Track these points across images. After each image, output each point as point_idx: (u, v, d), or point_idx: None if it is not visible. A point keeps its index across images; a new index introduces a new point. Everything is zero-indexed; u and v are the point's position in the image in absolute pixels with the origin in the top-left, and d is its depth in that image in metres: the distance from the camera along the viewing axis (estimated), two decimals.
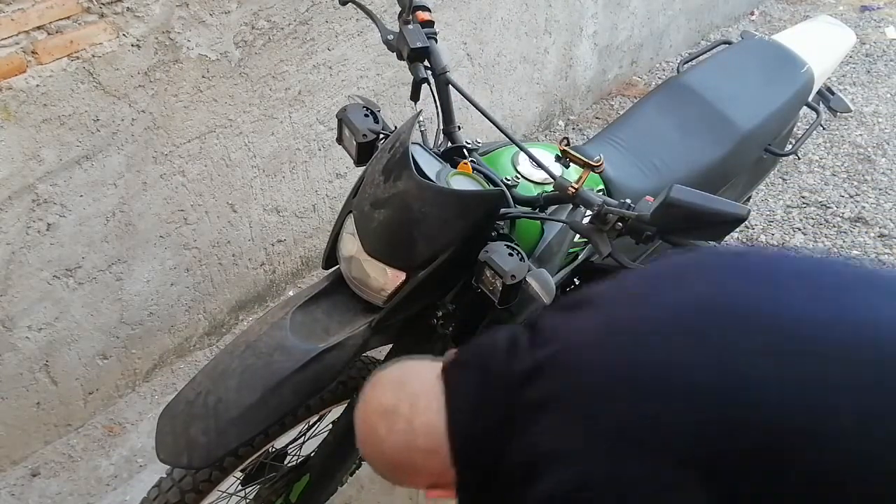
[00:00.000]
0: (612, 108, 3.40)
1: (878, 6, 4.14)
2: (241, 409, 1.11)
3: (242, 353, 1.16)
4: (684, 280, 0.82)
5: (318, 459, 1.42)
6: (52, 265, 1.73)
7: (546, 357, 0.80)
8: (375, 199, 1.16)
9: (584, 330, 0.81)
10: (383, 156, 1.19)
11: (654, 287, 0.84)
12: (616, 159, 1.59)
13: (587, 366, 0.76)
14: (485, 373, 0.83)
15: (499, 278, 1.08)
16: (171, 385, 2.09)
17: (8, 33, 1.47)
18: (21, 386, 1.80)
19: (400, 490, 1.81)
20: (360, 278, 1.21)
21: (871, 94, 3.46)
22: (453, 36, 2.49)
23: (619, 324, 0.80)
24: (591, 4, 3.02)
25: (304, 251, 2.39)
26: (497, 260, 1.09)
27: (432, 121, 1.33)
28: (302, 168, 2.22)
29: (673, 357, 0.73)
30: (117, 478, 1.87)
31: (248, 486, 1.43)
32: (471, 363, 0.85)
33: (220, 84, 1.88)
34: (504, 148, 1.40)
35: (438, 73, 1.29)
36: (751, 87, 1.82)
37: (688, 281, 0.82)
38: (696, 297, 0.79)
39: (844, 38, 2.06)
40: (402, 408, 0.84)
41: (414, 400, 0.84)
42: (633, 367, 0.74)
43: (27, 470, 1.87)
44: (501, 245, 1.11)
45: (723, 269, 0.83)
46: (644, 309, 0.80)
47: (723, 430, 0.68)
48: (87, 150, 1.69)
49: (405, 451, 0.83)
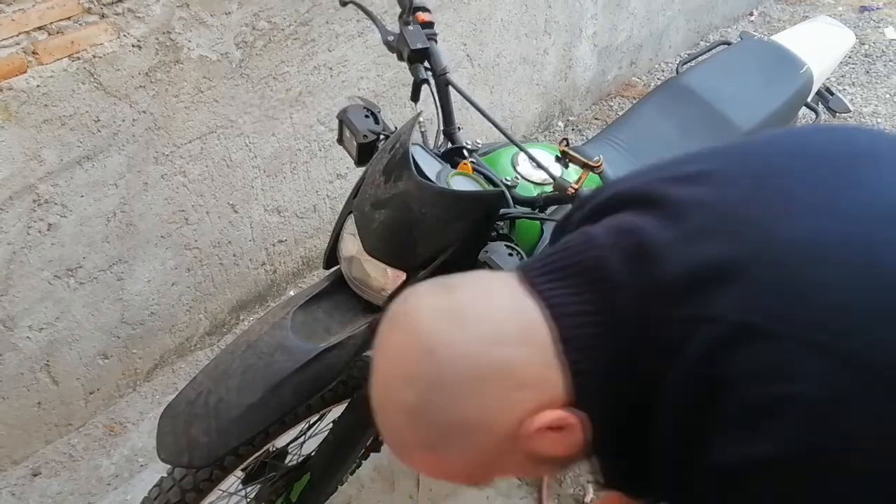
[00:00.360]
0: (612, 108, 3.41)
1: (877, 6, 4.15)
2: (241, 408, 1.12)
3: (243, 352, 1.17)
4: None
5: (318, 459, 1.43)
6: (52, 265, 1.73)
7: (727, 255, 0.59)
8: (376, 199, 1.16)
9: (780, 216, 0.61)
10: (383, 156, 1.19)
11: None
12: (615, 160, 1.60)
13: (815, 273, 0.57)
14: (605, 283, 0.63)
15: None
16: (172, 385, 2.10)
17: (8, 34, 1.47)
18: (22, 386, 1.80)
19: (400, 490, 1.82)
20: (360, 278, 1.21)
21: (871, 94, 3.47)
22: (453, 37, 2.49)
23: (839, 211, 0.60)
24: (591, 5, 3.02)
25: (304, 251, 2.39)
26: (497, 260, 1.09)
27: (432, 121, 1.33)
28: (303, 168, 2.23)
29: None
30: (118, 477, 1.87)
31: (249, 485, 1.43)
32: (570, 270, 0.65)
33: (221, 85, 1.89)
34: (504, 148, 1.41)
35: (438, 74, 1.29)
36: (750, 88, 1.83)
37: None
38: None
39: (843, 38, 2.06)
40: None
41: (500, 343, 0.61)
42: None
43: (28, 469, 1.87)
44: (501, 245, 1.12)
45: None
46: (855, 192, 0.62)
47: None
48: (87, 151, 1.69)
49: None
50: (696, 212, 0.64)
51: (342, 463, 1.44)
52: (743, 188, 0.65)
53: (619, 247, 0.64)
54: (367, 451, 1.51)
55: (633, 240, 0.64)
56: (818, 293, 0.56)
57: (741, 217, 0.62)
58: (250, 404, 1.12)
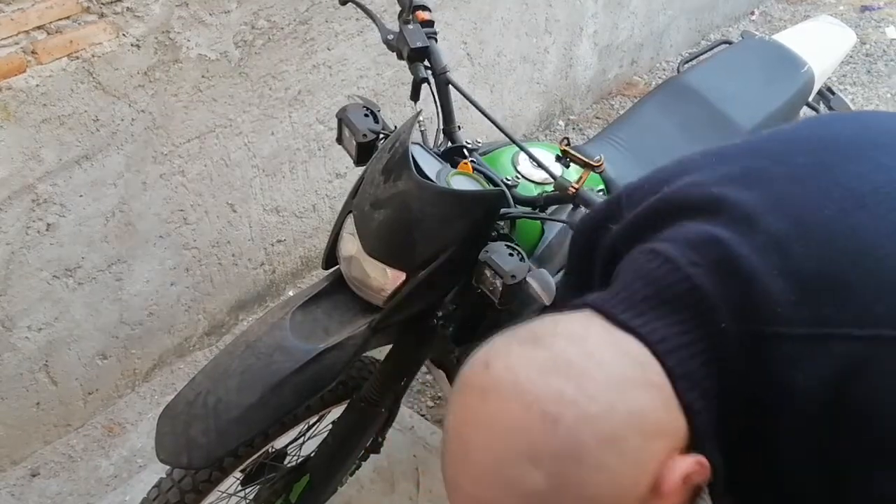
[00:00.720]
0: (613, 107, 3.40)
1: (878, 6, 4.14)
2: (241, 409, 1.11)
3: (242, 353, 1.16)
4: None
5: (318, 459, 1.42)
6: (51, 265, 1.73)
7: (826, 264, 0.56)
8: (375, 199, 1.15)
9: (857, 215, 0.58)
10: (383, 156, 1.19)
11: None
12: (616, 159, 1.59)
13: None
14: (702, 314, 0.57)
15: (499, 278, 1.08)
16: (171, 385, 2.09)
17: (8, 33, 1.47)
18: (21, 386, 1.79)
19: (400, 491, 1.81)
20: (359, 278, 1.20)
21: (872, 94, 3.46)
22: (453, 36, 2.49)
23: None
24: (592, 4, 3.01)
25: (303, 251, 2.39)
26: (497, 260, 1.09)
27: (432, 121, 1.33)
28: (302, 168, 2.22)
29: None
30: (117, 478, 1.87)
31: (248, 486, 1.43)
32: (660, 299, 0.58)
33: (220, 84, 1.88)
34: (504, 148, 1.40)
35: (438, 72, 1.29)
36: (751, 87, 1.82)
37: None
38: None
39: (845, 37, 2.06)
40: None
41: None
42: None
43: (27, 470, 1.87)
44: (501, 245, 1.11)
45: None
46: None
47: None
48: (86, 150, 1.69)
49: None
50: (770, 216, 0.59)
51: (342, 464, 1.43)
52: (806, 188, 0.61)
53: (705, 263, 0.58)
54: (366, 451, 1.51)
55: (719, 254, 0.58)
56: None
57: (821, 221, 0.58)
58: (249, 405, 1.12)
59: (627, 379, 0.53)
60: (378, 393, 1.31)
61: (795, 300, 0.55)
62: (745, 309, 0.56)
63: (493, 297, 1.12)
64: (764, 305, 0.56)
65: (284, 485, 1.46)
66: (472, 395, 0.54)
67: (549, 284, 1.10)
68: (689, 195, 0.65)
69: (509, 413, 0.51)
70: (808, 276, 0.55)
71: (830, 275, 0.55)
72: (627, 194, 0.75)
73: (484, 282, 1.12)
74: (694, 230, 0.61)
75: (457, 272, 1.18)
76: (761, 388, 0.56)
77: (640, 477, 0.52)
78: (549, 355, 0.53)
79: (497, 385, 0.53)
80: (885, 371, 0.52)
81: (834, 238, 0.57)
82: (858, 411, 0.53)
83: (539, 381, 0.51)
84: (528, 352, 0.54)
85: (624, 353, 0.55)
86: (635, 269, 0.61)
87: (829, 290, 0.55)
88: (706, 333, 0.56)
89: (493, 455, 0.52)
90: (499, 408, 0.52)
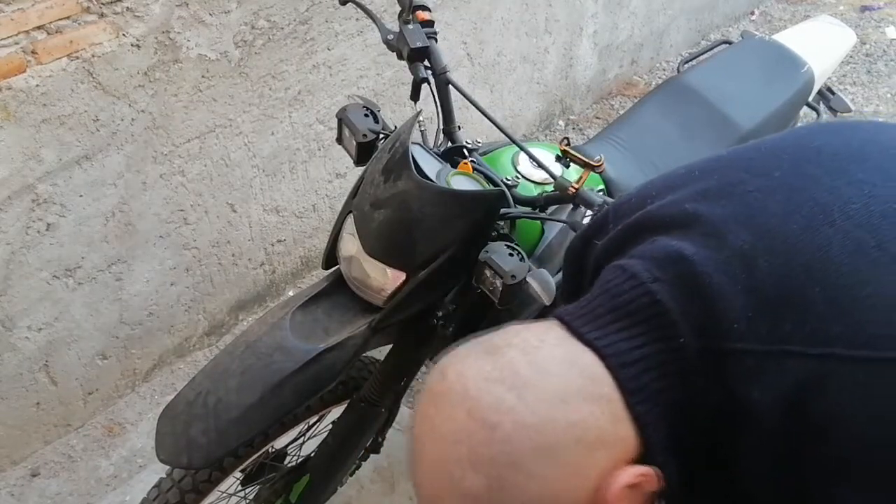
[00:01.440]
0: (613, 107, 3.40)
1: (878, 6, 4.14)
2: (241, 409, 1.11)
3: (242, 353, 1.16)
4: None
5: (317, 460, 1.42)
6: (51, 265, 1.73)
7: (787, 280, 0.56)
8: (375, 199, 1.15)
9: (823, 231, 0.58)
10: (383, 156, 1.19)
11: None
12: (616, 159, 1.59)
13: (867, 289, 0.54)
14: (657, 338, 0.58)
15: (499, 278, 1.08)
16: (171, 385, 2.09)
17: (8, 33, 1.46)
18: (21, 386, 1.79)
19: (399, 491, 1.81)
20: (359, 278, 1.20)
21: (872, 94, 3.46)
22: (453, 35, 2.49)
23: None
24: (592, 4, 3.01)
25: (303, 251, 2.39)
26: (497, 260, 1.08)
27: (432, 121, 1.33)
28: (302, 168, 2.22)
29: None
30: (117, 478, 1.87)
31: (248, 486, 1.43)
32: (620, 313, 0.60)
33: (220, 84, 1.88)
34: (504, 148, 1.40)
35: (438, 72, 1.29)
36: (751, 87, 1.82)
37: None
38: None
39: (845, 37, 2.06)
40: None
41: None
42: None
43: (27, 470, 1.87)
44: (502, 245, 1.11)
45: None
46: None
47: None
48: (86, 150, 1.69)
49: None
50: (739, 230, 0.59)
51: (342, 464, 1.43)
52: (779, 202, 0.61)
53: (668, 279, 0.59)
54: (366, 452, 1.51)
55: (683, 270, 0.59)
56: (881, 309, 0.53)
57: (787, 236, 0.58)
58: (250, 405, 1.12)
59: (572, 391, 0.55)
60: (378, 393, 1.31)
61: (754, 316, 0.56)
62: (706, 324, 0.57)
63: (494, 297, 1.12)
64: (724, 321, 0.56)
65: (284, 485, 1.46)
66: (428, 401, 0.58)
67: (549, 284, 1.10)
68: (665, 212, 0.66)
69: (455, 419, 0.54)
70: (770, 292, 0.56)
71: (791, 291, 0.55)
72: (615, 209, 0.76)
73: (484, 282, 1.12)
74: (661, 246, 0.62)
75: (457, 272, 1.18)
76: (723, 403, 0.57)
77: (579, 485, 0.54)
78: (499, 365, 0.55)
79: (449, 392, 0.56)
80: (841, 388, 0.53)
81: (798, 254, 0.57)
82: (816, 428, 0.54)
83: (484, 389, 0.54)
84: (480, 361, 0.56)
85: (573, 365, 0.56)
86: (602, 283, 0.63)
87: (788, 307, 0.55)
88: (665, 348, 0.57)
89: (440, 458, 0.55)
90: (447, 414, 0.55)
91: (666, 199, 0.68)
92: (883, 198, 0.59)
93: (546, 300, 1.10)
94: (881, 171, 0.61)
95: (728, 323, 0.56)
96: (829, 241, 0.56)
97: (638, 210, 0.70)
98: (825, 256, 0.56)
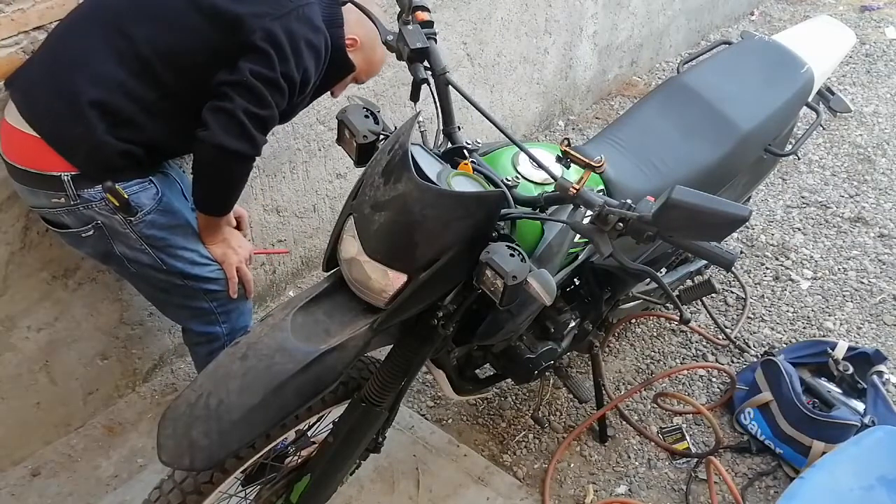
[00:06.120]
0: (612, 108, 3.41)
1: (878, 6, 4.15)
2: (242, 410, 1.11)
3: (243, 354, 1.16)
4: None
5: (318, 460, 1.42)
6: (51, 265, 1.73)
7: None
8: (376, 201, 1.15)
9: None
10: (383, 157, 1.19)
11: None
12: (616, 159, 1.59)
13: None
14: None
15: (500, 279, 1.08)
16: (171, 385, 2.09)
17: (8, 33, 1.46)
18: (21, 386, 1.79)
19: (399, 491, 1.81)
20: (360, 280, 1.20)
21: (871, 94, 3.46)
22: (453, 36, 2.49)
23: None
24: (591, 4, 3.02)
25: (304, 251, 2.39)
26: (498, 261, 1.09)
27: (432, 121, 1.33)
28: (302, 168, 2.22)
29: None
30: (117, 478, 1.87)
31: (249, 486, 1.43)
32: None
33: None
34: (504, 148, 1.40)
35: (438, 73, 1.29)
36: (751, 88, 1.82)
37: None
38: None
39: (844, 38, 2.06)
40: None
41: None
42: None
43: (27, 470, 1.87)
44: (502, 246, 1.11)
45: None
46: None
47: None
48: None
49: None
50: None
51: (342, 464, 1.43)
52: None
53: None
54: (366, 451, 1.51)
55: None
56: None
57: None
58: (251, 406, 1.12)
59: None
60: (378, 393, 1.31)
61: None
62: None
63: (495, 297, 1.12)
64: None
65: (285, 485, 1.46)
66: None
67: (550, 284, 1.10)
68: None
69: None
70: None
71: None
72: None
73: (485, 282, 1.12)
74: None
75: (457, 273, 1.18)
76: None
77: None
78: None
79: None
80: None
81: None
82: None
83: None
84: None
85: None
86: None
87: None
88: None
89: None
90: None
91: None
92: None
93: (546, 300, 1.10)
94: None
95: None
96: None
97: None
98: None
